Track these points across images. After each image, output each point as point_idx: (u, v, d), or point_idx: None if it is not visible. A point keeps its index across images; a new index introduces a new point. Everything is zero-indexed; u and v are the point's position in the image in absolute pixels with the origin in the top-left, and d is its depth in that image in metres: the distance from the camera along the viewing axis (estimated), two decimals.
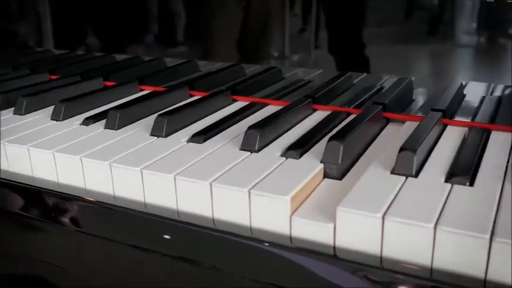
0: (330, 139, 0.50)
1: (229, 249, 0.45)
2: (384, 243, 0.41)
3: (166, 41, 0.95)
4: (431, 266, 0.39)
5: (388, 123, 0.64)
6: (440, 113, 0.60)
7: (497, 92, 0.72)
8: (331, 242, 0.43)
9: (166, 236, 0.47)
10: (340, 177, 0.50)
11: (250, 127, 0.55)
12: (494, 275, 0.37)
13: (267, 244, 0.43)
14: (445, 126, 0.60)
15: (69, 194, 0.52)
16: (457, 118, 0.62)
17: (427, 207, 0.41)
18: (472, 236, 0.37)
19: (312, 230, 0.43)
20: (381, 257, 0.41)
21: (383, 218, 0.40)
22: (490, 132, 0.58)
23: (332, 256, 0.41)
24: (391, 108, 0.64)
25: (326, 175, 0.50)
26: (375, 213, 0.40)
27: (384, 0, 0.75)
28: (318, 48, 0.81)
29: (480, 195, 0.43)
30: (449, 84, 0.71)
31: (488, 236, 0.37)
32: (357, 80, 0.79)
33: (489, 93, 0.71)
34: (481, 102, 0.67)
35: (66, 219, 0.53)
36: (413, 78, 0.76)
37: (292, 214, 0.44)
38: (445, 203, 0.42)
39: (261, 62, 0.85)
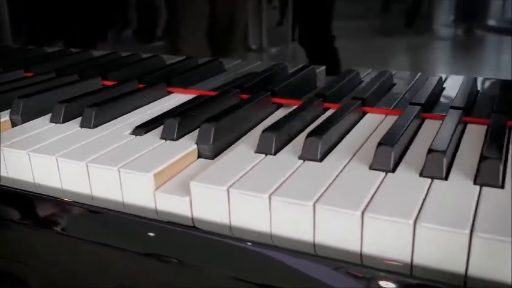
0: (203, 122, 0.54)
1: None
2: (231, 213, 0.45)
3: (143, 35, 0.96)
4: (271, 232, 0.44)
5: (280, 107, 0.68)
6: (321, 98, 0.64)
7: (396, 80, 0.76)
8: (189, 214, 0.47)
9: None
10: (213, 157, 0.54)
11: None
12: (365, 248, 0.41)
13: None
14: (326, 109, 0.64)
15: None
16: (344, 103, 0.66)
17: (270, 181, 0.45)
18: (299, 204, 0.42)
19: (172, 203, 0.47)
20: (230, 227, 0.45)
21: (228, 190, 0.44)
22: (365, 114, 0.62)
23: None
24: (282, 94, 0.68)
25: (200, 155, 0.54)
26: (221, 186, 0.45)
27: None
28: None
29: (325, 170, 0.47)
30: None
31: (311, 203, 0.41)
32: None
33: (385, 79, 0.75)
34: (372, 87, 0.71)
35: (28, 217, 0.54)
36: (320, 68, 0.80)
37: (156, 189, 0.48)
38: (289, 176, 0.46)
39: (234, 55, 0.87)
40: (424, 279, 0.37)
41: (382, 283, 0.38)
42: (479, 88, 0.71)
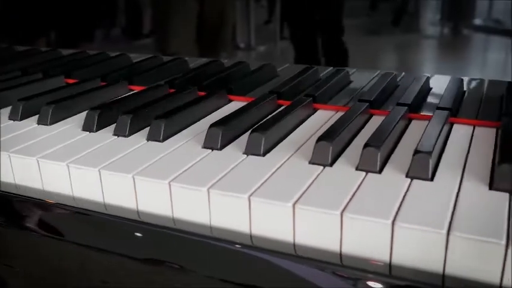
0: (154, 118, 0.56)
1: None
2: (173, 206, 0.47)
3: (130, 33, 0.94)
4: (210, 224, 0.45)
5: (231, 102, 0.70)
6: (275, 95, 0.66)
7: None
8: (135, 207, 0.48)
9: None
10: None
11: None
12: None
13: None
14: (279, 106, 0.66)
15: None
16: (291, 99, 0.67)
17: (211, 174, 0.47)
18: (235, 197, 0.43)
19: (120, 197, 0.49)
20: (173, 219, 0.47)
21: (169, 184, 0.46)
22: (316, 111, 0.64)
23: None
24: (240, 91, 0.70)
25: None
26: (163, 180, 0.46)
27: None
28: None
29: (266, 164, 0.49)
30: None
31: (246, 195, 0.43)
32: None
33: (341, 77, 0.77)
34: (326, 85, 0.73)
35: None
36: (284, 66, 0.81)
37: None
38: (230, 170, 0.48)
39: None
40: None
41: (370, 283, 0.39)
42: (432, 86, 0.72)
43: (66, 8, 0.97)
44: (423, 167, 0.45)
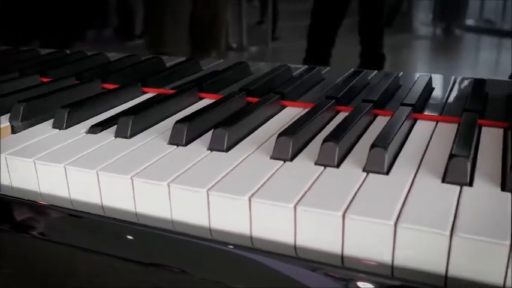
0: (121, 116, 0.57)
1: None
2: (136, 201, 0.48)
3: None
4: (172, 218, 0.46)
5: (202, 99, 0.71)
6: (244, 92, 0.67)
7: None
8: (99, 202, 0.49)
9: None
10: None
11: None
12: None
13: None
14: (248, 103, 0.67)
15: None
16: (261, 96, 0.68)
17: (173, 169, 0.48)
18: (193, 191, 0.44)
19: (86, 194, 0.50)
20: (136, 214, 0.48)
21: (131, 179, 0.47)
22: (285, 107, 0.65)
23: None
24: (211, 89, 0.71)
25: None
26: (125, 175, 0.47)
27: None
28: None
29: (228, 159, 0.50)
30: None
31: (205, 190, 0.44)
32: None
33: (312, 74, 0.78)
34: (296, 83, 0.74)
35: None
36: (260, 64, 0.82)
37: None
38: (192, 165, 0.49)
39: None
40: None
41: (360, 284, 0.39)
42: (401, 83, 0.74)
43: (50, 7, 0.98)
44: (379, 161, 0.46)
